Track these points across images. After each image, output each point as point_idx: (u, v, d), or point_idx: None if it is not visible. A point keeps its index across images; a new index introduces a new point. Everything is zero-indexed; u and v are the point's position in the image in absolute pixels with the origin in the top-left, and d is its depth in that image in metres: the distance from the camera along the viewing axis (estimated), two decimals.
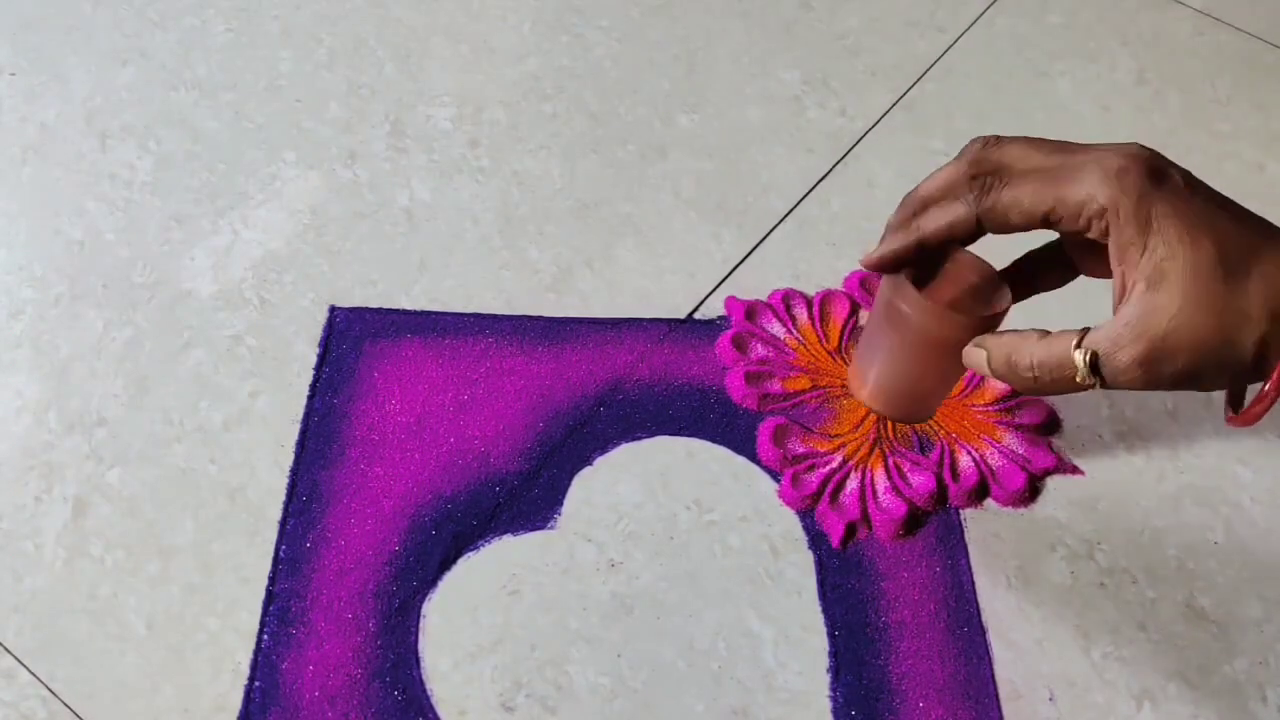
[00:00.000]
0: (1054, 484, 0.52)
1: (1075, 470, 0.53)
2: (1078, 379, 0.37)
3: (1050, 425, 0.54)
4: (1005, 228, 0.38)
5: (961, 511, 0.52)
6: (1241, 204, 0.38)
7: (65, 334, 0.56)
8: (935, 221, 0.39)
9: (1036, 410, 0.54)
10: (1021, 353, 0.38)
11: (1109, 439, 0.54)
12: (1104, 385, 0.37)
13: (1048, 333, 0.38)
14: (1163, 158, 0.37)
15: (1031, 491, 0.52)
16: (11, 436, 0.52)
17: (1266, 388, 0.36)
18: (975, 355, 0.40)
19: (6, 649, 0.46)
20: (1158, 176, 0.36)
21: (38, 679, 0.46)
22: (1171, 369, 0.36)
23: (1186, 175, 0.37)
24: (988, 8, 0.74)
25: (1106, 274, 0.38)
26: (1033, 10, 0.74)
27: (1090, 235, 0.37)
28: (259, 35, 0.70)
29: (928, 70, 0.70)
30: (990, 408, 0.54)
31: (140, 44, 0.69)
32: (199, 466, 0.52)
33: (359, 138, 0.65)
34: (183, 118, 0.65)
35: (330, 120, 0.66)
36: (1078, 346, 0.37)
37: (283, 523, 0.50)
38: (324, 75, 0.68)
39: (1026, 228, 0.38)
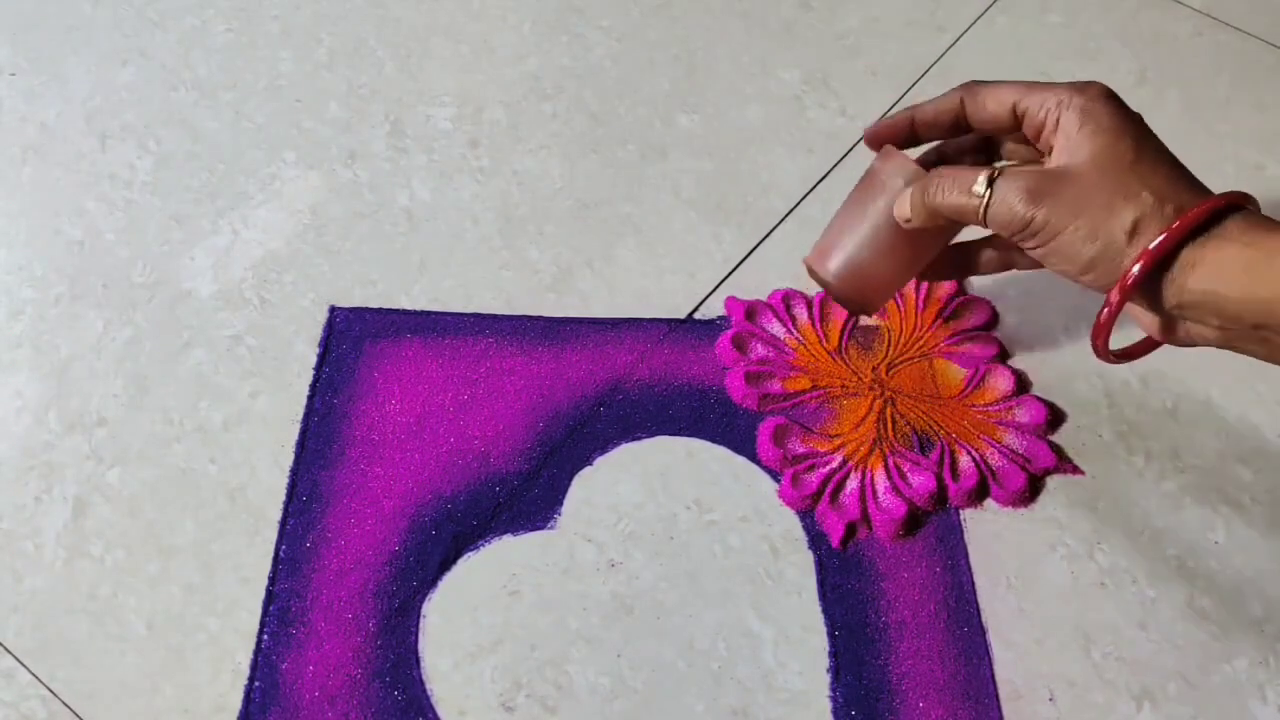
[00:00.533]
0: (1054, 484, 0.52)
1: (1075, 470, 0.53)
2: (974, 188, 0.41)
3: (1050, 425, 0.54)
4: (981, 114, 0.44)
5: (961, 511, 0.51)
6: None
7: (65, 334, 0.56)
8: (927, 105, 0.46)
9: (1037, 410, 0.54)
10: (945, 172, 0.43)
11: (1109, 439, 0.54)
12: (986, 211, 0.41)
13: None
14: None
15: (1031, 491, 0.52)
16: (11, 436, 0.52)
17: (1142, 260, 0.38)
18: (905, 196, 0.44)
19: (6, 649, 0.46)
20: (1114, 96, 0.41)
21: (38, 679, 0.46)
22: (1050, 212, 0.39)
23: (1138, 115, 0.41)
24: (988, 7, 0.74)
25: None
26: (1033, 10, 0.74)
27: (1044, 133, 0.42)
28: (259, 35, 0.70)
29: (928, 70, 0.70)
30: (990, 408, 0.54)
31: (140, 44, 0.69)
32: (199, 466, 0.52)
33: (359, 138, 0.65)
34: (183, 118, 0.65)
35: (330, 120, 0.66)
36: (990, 167, 0.42)
37: (283, 523, 0.50)
38: (324, 75, 0.68)
39: (998, 119, 0.43)
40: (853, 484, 0.51)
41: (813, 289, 0.58)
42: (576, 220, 0.61)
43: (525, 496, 0.51)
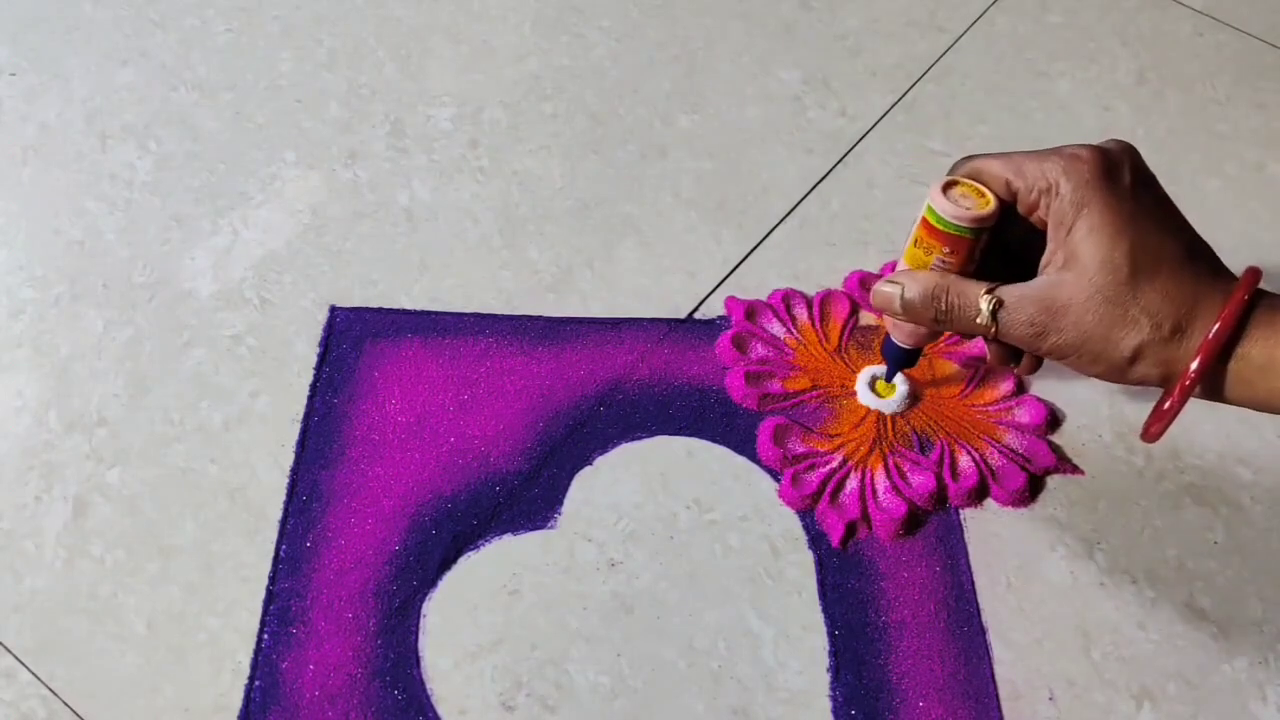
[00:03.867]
0: (1054, 484, 0.52)
1: (1075, 470, 0.53)
2: (978, 320, 0.41)
3: (1050, 425, 0.54)
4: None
5: (961, 511, 0.52)
6: (1192, 226, 0.40)
7: (65, 334, 0.56)
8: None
9: (1037, 410, 0.54)
10: (939, 288, 0.42)
11: (1109, 439, 0.54)
12: (996, 335, 0.41)
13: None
14: (1127, 155, 0.40)
15: (1031, 491, 0.52)
16: (11, 436, 0.52)
17: (1166, 405, 0.40)
18: (887, 289, 0.43)
19: (6, 648, 0.46)
20: (1109, 170, 0.39)
21: (38, 679, 0.46)
22: (1055, 340, 0.40)
23: (1140, 175, 0.40)
24: (988, 7, 0.74)
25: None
26: (1033, 10, 0.74)
27: (1038, 213, 0.41)
28: (259, 35, 0.70)
29: (928, 70, 0.70)
30: (990, 407, 0.54)
31: (140, 44, 0.69)
32: (199, 466, 0.52)
33: (359, 138, 0.65)
34: (183, 118, 0.65)
35: (330, 120, 0.66)
36: (988, 293, 0.41)
37: (283, 522, 0.50)
38: (324, 75, 0.68)
39: (1000, 192, 0.42)
40: (853, 484, 0.51)
41: (813, 288, 0.58)
42: (577, 220, 0.61)
43: (525, 496, 0.51)
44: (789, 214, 0.62)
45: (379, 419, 0.53)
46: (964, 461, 0.52)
